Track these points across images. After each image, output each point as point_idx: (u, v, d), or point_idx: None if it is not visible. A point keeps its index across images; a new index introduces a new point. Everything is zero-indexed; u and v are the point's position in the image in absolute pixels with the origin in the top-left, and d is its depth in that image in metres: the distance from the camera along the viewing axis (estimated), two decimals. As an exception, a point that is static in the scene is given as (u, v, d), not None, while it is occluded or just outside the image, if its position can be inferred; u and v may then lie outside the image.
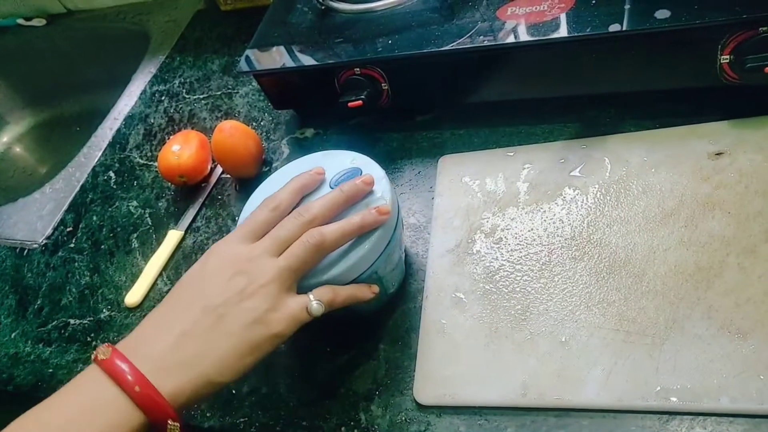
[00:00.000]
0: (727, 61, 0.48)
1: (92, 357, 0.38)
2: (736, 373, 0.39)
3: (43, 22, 1.11)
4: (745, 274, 0.43)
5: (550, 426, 0.42)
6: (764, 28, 0.45)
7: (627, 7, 0.49)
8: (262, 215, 0.44)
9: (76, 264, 0.68)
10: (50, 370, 0.59)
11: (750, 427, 0.38)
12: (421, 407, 0.45)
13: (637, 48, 0.50)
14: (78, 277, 0.67)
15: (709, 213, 0.47)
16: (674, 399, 0.39)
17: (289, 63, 0.61)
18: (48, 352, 0.61)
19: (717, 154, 0.49)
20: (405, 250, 0.54)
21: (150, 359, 0.38)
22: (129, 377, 0.37)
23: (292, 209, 0.45)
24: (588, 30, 0.49)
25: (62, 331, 0.62)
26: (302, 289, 0.42)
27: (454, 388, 0.45)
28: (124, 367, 0.37)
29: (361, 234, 0.44)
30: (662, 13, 0.47)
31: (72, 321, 0.62)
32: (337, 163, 0.48)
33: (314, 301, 0.41)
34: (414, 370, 0.47)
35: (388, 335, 0.50)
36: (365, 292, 0.45)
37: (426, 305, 0.50)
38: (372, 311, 0.51)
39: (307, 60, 0.61)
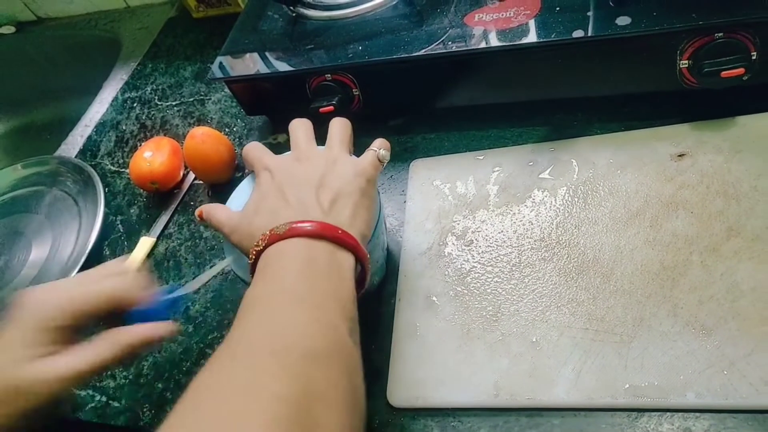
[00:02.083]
0: (686, 65, 0.49)
1: (257, 252, 0.38)
2: (701, 369, 0.40)
3: (13, 29, 1.09)
4: (708, 272, 0.44)
5: (522, 426, 0.42)
6: (720, 35, 0.46)
7: (590, 13, 0.51)
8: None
9: (45, 274, 0.67)
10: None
11: (716, 422, 0.39)
12: (394, 410, 0.45)
13: (600, 53, 0.51)
14: (47, 287, 0.65)
15: (673, 213, 0.48)
16: (643, 396, 0.40)
17: (261, 69, 0.61)
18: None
19: (679, 155, 0.51)
20: (387, 248, 0.55)
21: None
22: (322, 230, 0.38)
23: None
24: (553, 36, 0.50)
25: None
26: None
27: (427, 390, 0.45)
28: (307, 226, 0.38)
29: None
30: (623, 20, 0.48)
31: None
32: None
33: (380, 150, 0.45)
34: (388, 373, 0.47)
35: (361, 338, 0.50)
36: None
37: (399, 308, 0.50)
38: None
39: (279, 66, 0.61)
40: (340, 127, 0.47)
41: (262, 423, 0.28)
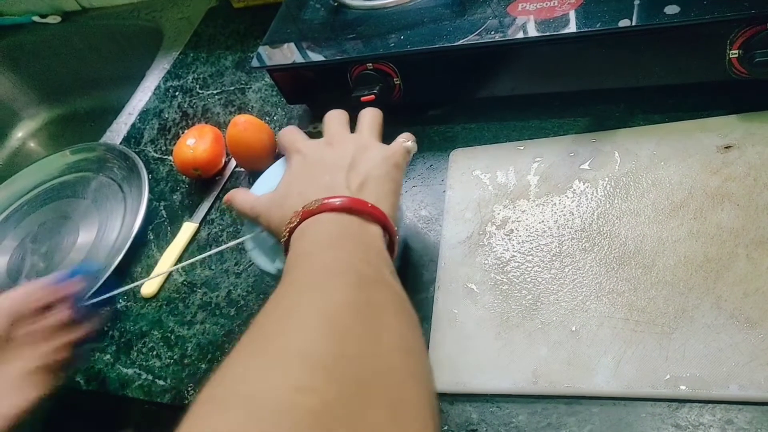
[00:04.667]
0: (736, 55, 0.48)
1: (291, 229, 0.40)
2: (745, 361, 0.40)
3: (59, 19, 1.12)
4: (754, 265, 0.43)
5: (560, 413, 0.42)
6: (773, 23, 0.46)
7: (636, 2, 0.50)
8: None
9: (93, 256, 0.69)
10: (69, 359, 0.60)
11: (758, 415, 0.38)
12: (433, 395, 0.46)
13: (646, 43, 0.51)
14: (95, 268, 0.68)
15: (719, 205, 0.47)
16: (683, 387, 0.40)
17: (302, 58, 0.62)
18: (66, 341, 0.62)
19: (726, 147, 0.50)
20: (405, 241, 0.55)
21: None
22: (351, 204, 0.39)
23: None
24: (598, 25, 0.50)
25: (80, 321, 0.63)
26: None
27: (466, 377, 0.46)
28: (337, 201, 0.39)
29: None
30: (671, 9, 0.48)
31: (90, 311, 0.64)
32: None
33: (407, 142, 0.47)
34: (426, 359, 0.48)
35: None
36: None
37: (438, 295, 0.51)
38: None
39: (320, 55, 0.61)
40: (370, 116, 0.49)
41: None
